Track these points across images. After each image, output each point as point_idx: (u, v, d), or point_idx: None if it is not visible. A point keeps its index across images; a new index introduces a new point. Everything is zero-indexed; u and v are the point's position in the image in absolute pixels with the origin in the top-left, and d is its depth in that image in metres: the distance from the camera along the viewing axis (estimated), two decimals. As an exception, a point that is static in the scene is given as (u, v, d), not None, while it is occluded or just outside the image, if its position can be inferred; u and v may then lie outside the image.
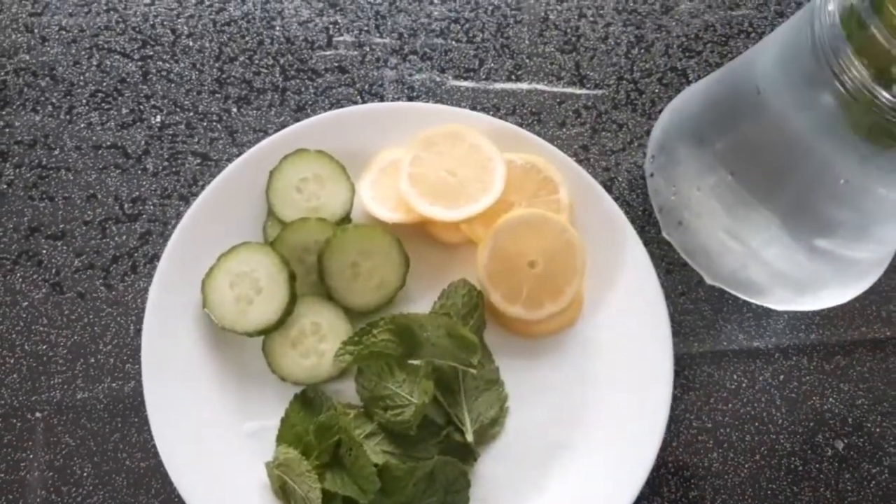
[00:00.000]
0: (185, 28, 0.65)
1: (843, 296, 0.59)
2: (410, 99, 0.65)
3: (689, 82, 0.67)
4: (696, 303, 0.61)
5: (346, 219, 0.58)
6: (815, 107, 0.48)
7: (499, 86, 0.65)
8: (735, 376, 0.59)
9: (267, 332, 0.54)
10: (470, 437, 0.53)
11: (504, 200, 0.57)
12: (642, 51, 0.68)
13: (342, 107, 0.62)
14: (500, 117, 0.62)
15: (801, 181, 0.52)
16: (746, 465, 0.57)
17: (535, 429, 0.55)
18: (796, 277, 0.57)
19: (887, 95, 0.42)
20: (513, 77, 0.66)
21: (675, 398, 0.57)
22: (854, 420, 0.59)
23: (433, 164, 0.58)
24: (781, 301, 0.59)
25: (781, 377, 0.60)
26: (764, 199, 0.54)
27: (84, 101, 0.62)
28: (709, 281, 0.60)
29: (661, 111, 0.64)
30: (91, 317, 0.57)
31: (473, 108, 0.63)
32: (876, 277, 0.57)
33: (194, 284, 0.54)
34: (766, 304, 0.59)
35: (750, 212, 0.55)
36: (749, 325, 0.61)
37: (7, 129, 0.61)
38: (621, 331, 0.57)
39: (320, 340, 0.55)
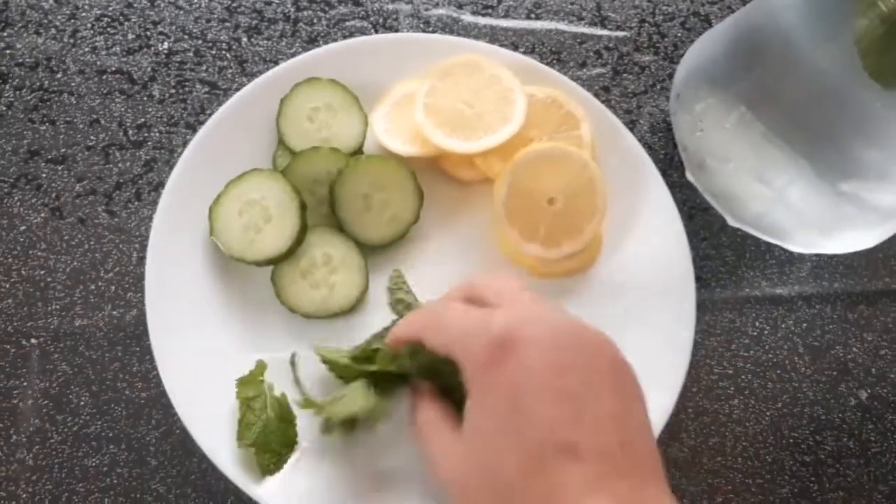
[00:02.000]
0: (195, -44, 0.63)
1: (868, 240, 0.57)
2: (425, 32, 0.63)
3: (711, 27, 0.65)
4: (718, 248, 0.59)
5: (358, 151, 0.56)
6: (839, 35, 0.46)
7: (518, 23, 0.63)
8: (757, 323, 0.58)
9: (276, 261, 0.52)
10: None
11: (523, 135, 0.55)
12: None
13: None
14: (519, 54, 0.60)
15: (824, 118, 0.50)
16: (768, 413, 0.55)
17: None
18: (820, 219, 0.55)
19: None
20: (532, 15, 0.64)
21: (695, 344, 0.55)
22: (878, 370, 0.57)
23: (450, 95, 0.55)
24: (805, 244, 0.57)
25: (804, 325, 0.58)
26: (788, 138, 0.53)
27: (89, 24, 0.60)
28: (732, 223, 0.58)
29: (683, 55, 0.62)
30: (92, 243, 0.54)
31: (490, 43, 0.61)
32: (904, 221, 0.55)
33: (201, 212, 0.51)
34: (789, 248, 0.58)
35: (774, 151, 0.53)
36: (772, 272, 0.59)
37: (8, 51, 0.59)
38: (642, 273, 0.55)
39: (331, 272, 0.53)
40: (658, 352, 0.53)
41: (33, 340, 0.52)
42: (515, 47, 0.63)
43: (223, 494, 0.50)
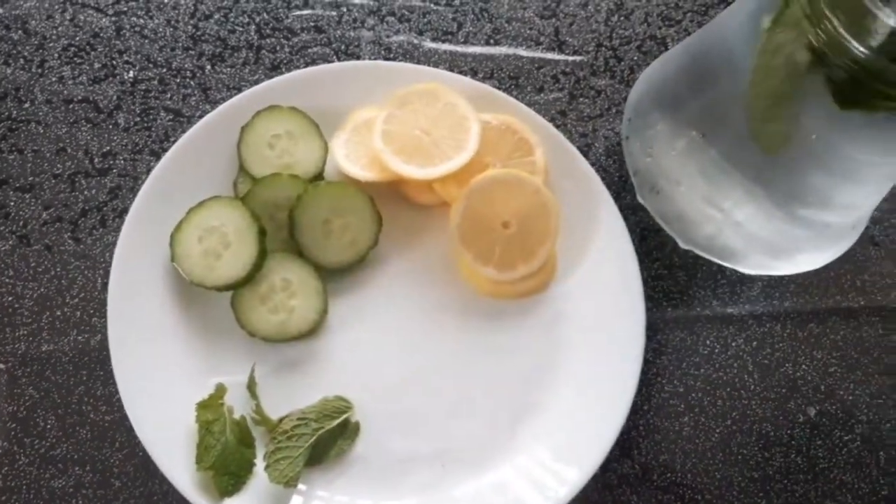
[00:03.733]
0: (161, -15, 0.64)
1: (818, 260, 0.58)
2: (387, 60, 0.64)
3: (667, 50, 0.67)
4: (670, 268, 0.61)
5: (318, 177, 0.57)
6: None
7: (477, 49, 0.65)
8: (708, 342, 0.59)
9: (235, 287, 0.53)
10: None
11: (478, 161, 0.57)
12: (622, 18, 0.68)
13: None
14: (478, 80, 0.61)
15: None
16: (717, 430, 0.57)
17: (506, 389, 0.55)
18: (771, 241, 0.57)
19: (859, 47, 0.42)
20: (491, 41, 0.65)
21: (647, 362, 0.57)
22: (826, 387, 0.59)
23: (408, 123, 0.57)
24: (756, 266, 0.59)
25: (755, 343, 0.59)
26: (738, 163, 0.54)
27: (56, 54, 0.61)
28: (683, 246, 0.59)
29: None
30: (58, 269, 0.56)
31: (451, 71, 0.62)
32: (851, 242, 0.57)
33: (163, 239, 0.53)
34: (740, 269, 0.59)
35: (723, 175, 0.55)
36: (723, 292, 0.60)
37: (-23, 82, 0.60)
38: (594, 294, 0.57)
39: (290, 297, 0.54)
40: (609, 370, 0.55)
41: (1, 365, 0.53)
42: (475, 73, 0.64)
43: (185, 515, 0.52)
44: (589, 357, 0.56)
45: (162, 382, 0.52)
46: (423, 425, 0.54)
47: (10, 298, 0.55)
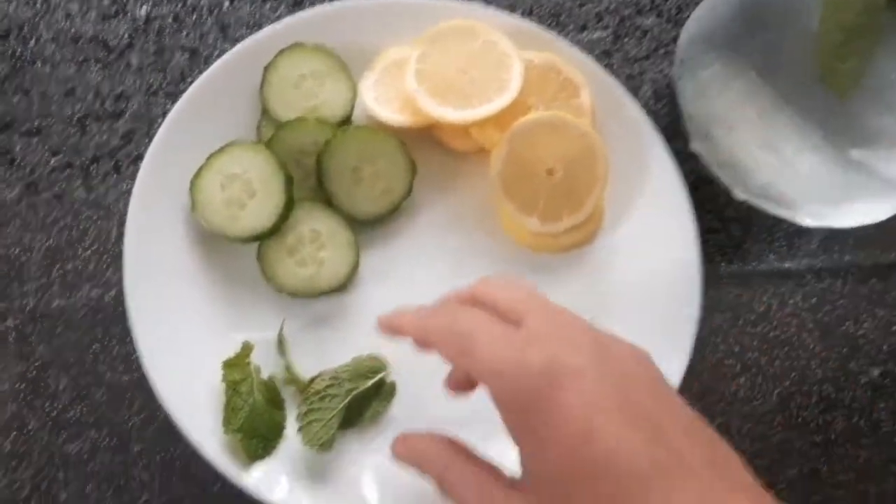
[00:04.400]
0: (174, -84, 0.60)
1: (880, 212, 0.54)
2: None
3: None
4: (724, 221, 0.57)
5: (346, 121, 0.53)
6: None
7: (514, -15, 0.60)
8: (764, 298, 0.55)
9: (261, 238, 0.49)
10: None
11: (520, 102, 0.52)
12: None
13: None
14: (516, 17, 0.56)
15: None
16: (776, 392, 0.53)
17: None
18: (830, 189, 0.53)
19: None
20: (529, -21, 0.61)
21: (700, 320, 0.53)
22: (890, 347, 0.55)
23: (444, 62, 0.53)
24: (814, 216, 0.55)
25: (814, 300, 0.55)
26: (797, 105, 0.50)
27: (62, -11, 0.57)
28: (738, 196, 0.55)
29: (688, 17, 0.59)
30: (69, 220, 0.52)
31: (486, 5, 0.58)
32: (919, 192, 0.53)
33: (181, 187, 0.49)
34: (797, 221, 0.55)
35: (782, 119, 0.51)
36: (780, 245, 0.57)
37: (-23, 18, 0.56)
38: (644, 248, 0.53)
39: (320, 249, 0.51)
40: (662, 329, 0.51)
41: (9, 322, 0.50)
42: (512, 9, 0.59)
43: (210, 482, 0.48)
44: (638, 316, 0.52)
45: (183, 341, 0.48)
46: (460, 385, 0.51)
47: (17, 250, 0.51)
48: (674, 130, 0.58)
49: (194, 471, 0.48)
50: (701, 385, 0.53)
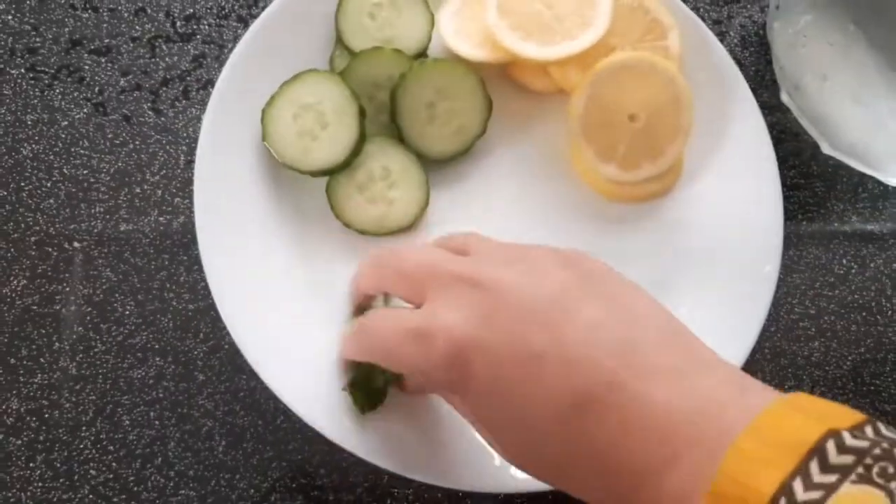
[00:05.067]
0: None
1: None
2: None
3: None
4: (807, 177, 0.54)
5: (422, 54, 0.51)
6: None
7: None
8: (844, 261, 0.53)
9: (332, 172, 0.48)
10: None
11: (605, 43, 0.50)
12: None
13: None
14: (602, -48, 0.54)
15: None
16: (850, 358, 0.52)
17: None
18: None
19: None
20: None
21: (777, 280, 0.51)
22: (972, 318, 0.53)
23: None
24: (903, 177, 0.52)
25: (895, 265, 0.53)
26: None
27: None
28: (826, 151, 0.53)
29: (783, -40, 0.56)
30: (137, 143, 0.51)
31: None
32: None
33: (253, 114, 0.48)
34: (886, 180, 0.53)
35: (878, 75, 0.48)
36: (864, 206, 0.54)
37: (47, -71, 0.54)
38: (725, 201, 0.51)
39: (390, 187, 0.49)
40: (738, 288, 0.49)
41: (76, 244, 0.49)
42: (598, -56, 0.57)
43: (272, 413, 0.48)
44: (715, 272, 0.50)
45: (251, 271, 0.47)
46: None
47: (85, 172, 0.50)
48: (761, 80, 0.56)
49: (258, 402, 0.48)
50: (773, 346, 0.52)
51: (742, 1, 0.57)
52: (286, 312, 0.47)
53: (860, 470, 0.25)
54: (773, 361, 0.51)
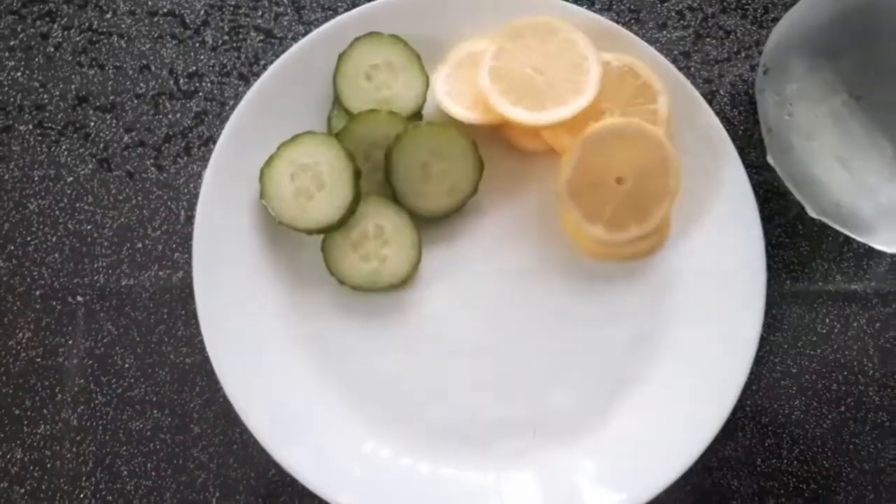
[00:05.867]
0: None
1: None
2: (496, -15, 0.58)
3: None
4: (792, 237, 0.55)
5: (417, 114, 0.53)
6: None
7: (595, -23, 0.59)
8: (827, 320, 0.54)
9: (327, 230, 0.50)
10: None
11: (595, 107, 0.51)
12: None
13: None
14: (595, 12, 0.55)
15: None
16: (830, 416, 0.53)
17: (605, 358, 0.51)
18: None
19: None
20: (612, -30, 0.59)
21: (759, 338, 0.52)
22: (952, 378, 0.54)
23: (519, 59, 0.52)
24: (890, 242, 0.53)
25: (878, 325, 0.54)
26: (887, 130, 0.48)
27: (140, -40, 0.57)
28: (812, 214, 0.54)
29: (774, 20, 0.57)
30: (140, 198, 0.53)
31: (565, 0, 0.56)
32: None
33: (251, 173, 0.49)
34: (872, 244, 0.54)
35: (872, 143, 0.49)
36: (848, 266, 0.55)
37: (56, -13, 0.56)
38: (710, 261, 0.52)
39: (383, 245, 0.51)
40: (720, 345, 0.51)
41: (79, 298, 0.51)
42: (591, 2, 0.58)
43: (264, 466, 0.50)
44: (699, 330, 0.51)
45: (246, 326, 0.49)
46: (514, 390, 0.51)
47: (88, 227, 0.52)
48: (749, 139, 0.57)
49: (251, 455, 0.50)
50: (754, 404, 0.53)
51: (734, 60, 0.58)
52: (278, 364, 0.49)
53: None
54: (755, 419, 0.53)
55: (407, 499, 0.48)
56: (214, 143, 0.49)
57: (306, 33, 0.52)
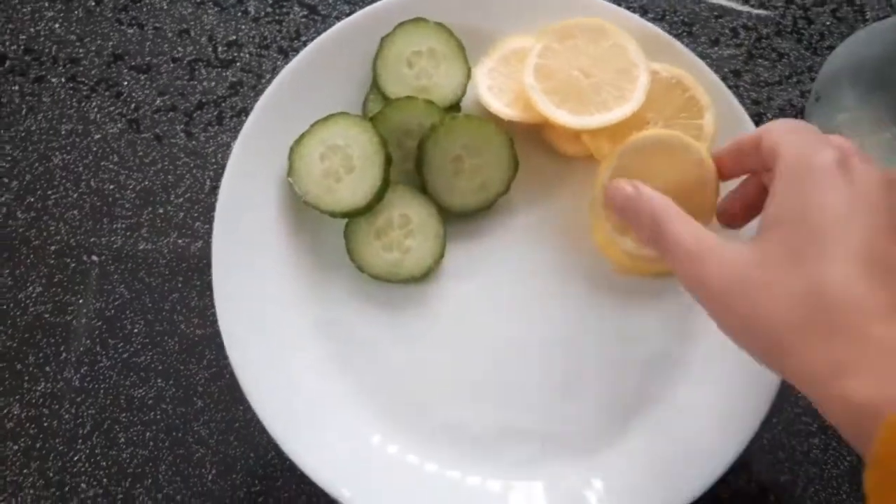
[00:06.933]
0: None
1: None
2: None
3: (865, 21, 0.58)
4: (828, 270, 0.54)
5: (454, 106, 0.52)
6: None
7: (648, -15, 0.57)
8: (856, 359, 0.53)
9: (351, 215, 0.48)
10: None
11: (639, 116, 0.50)
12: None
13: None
14: (647, 21, 0.53)
15: None
16: (848, 458, 0.51)
17: (625, 375, 0.50)
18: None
19: None
20: (670, -16, 0.57)
21: (784, 371, 0.51)
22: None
23: (566, 60, 0.50)
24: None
25: (908, 370, 0.53)
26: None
27: (190, -77, 0.56)
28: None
29: (829, 47, 0.56)
30: (166, 163, 0.52)
31: (617, 5, 0.55)
32: None
33: (281, 149, 0.48)
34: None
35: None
36: (883, 307, 0.53)
37: (103, -58, 0.55)
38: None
39: (407, 236, 0.49)
40: (743, 374, 0.49)
41: (94, 257, 0.50)
42: (644, 11, 0.57)
43: (264, 447, 0.48)
44: (724, 355, 0.49)
45: (260, 304, 0.48)
46: (526, 399, 0.49)
47: (111, 186, 0.51)
48: (792, 167, 0.55)
49: (252, 435, 0.49)
50: (772, 438, 0.51)
51: (784, 83, 0.56)
52: (289, 346, 0.48)
53: None
54: (771, 453, 0.51)
55: (410, 499, 0.46)
56: (247, 114, 0.48)
57: (350, 13, 0.51)
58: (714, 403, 0.49)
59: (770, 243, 0.36)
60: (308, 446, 0.46)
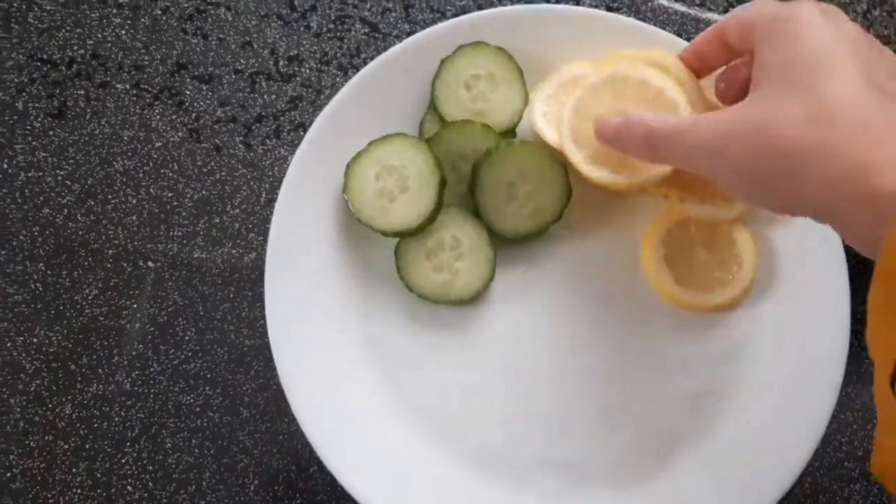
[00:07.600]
0: None
1: None
2: (610, 10, 0.57)
3: None
4: (878, 314, 0.53)
5: (510, 131, 0.52)
6: None
7: (713, 16, 0.57)
8: (903, 406, 0.52)
9: (403, 234, 0.49)
10: None
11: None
12: (883, 14, 0.58)
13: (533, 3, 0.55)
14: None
15: None
16: (890, 506, 0.51)
17: (668, 410, 0.50)
18: None
19: None
20: (731, 7, 0.57)
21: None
22: None
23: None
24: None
25: (955, 420, 0.52)
26: None
27: (257, -63, 0.56)
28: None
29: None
30: (224, 174, 0.53)
31: (678, 37, 0.55)
32: None
33: (337, 166, 0.49)
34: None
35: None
36: (933, 353, 0.53)
37: (172, -49, 0.56)
38: (791, 326, 0.50)
39: (457, 258, 0.50)
40: (788, 415, 0.49)
41: (150, 263, 0.51)
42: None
43: (307, 461, 0.49)
44: (769, 395, 0.49)
45: (309, 317, 0.48)
46: (568, 427, 0.50)
47: (170, 194, 0.52)
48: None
49: (295, 448, 0.49)
50: (814, 482, 0.51)
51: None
52: (335, 360, 0.48)
53: None
54: (812, 498, 0.51)
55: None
56: (305, 129, 0.49)
57: (411, 32, 0.51)
58: (757, 444, 0.49)
59: (763, 90, 0.37)
60: (350, 462, 0.46)
